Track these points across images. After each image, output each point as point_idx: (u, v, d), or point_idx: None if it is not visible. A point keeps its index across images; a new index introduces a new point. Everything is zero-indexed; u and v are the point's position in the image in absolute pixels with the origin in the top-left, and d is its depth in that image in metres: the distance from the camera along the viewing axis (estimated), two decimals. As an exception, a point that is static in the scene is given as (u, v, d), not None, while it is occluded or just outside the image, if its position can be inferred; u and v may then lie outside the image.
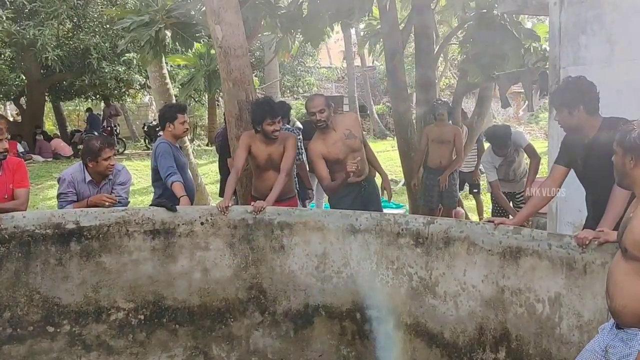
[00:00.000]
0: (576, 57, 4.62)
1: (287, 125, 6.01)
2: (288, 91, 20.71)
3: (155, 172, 4.86)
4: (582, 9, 4.56)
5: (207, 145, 17.82)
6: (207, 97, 16.83)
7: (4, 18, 12.11)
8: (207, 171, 12.12)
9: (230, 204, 4.19)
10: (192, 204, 4.70)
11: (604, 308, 2.70)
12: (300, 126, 7.34)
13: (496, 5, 6.29)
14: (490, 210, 6.85)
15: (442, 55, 9.85)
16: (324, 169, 4.65)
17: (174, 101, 8.35)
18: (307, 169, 6.24)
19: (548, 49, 5.33)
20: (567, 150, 3.50)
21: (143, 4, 5.95)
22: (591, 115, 3.23)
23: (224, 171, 5.94)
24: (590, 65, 4.42)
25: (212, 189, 9.65)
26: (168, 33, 6.01)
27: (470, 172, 7.98)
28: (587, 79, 3.24)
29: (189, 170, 5.56)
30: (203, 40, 6.81)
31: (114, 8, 12.50)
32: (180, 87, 9.40)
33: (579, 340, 3.01)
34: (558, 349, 3.16)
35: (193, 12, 5.93)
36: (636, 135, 2.38)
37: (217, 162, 6.83)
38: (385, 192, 5.18)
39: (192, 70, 6.99)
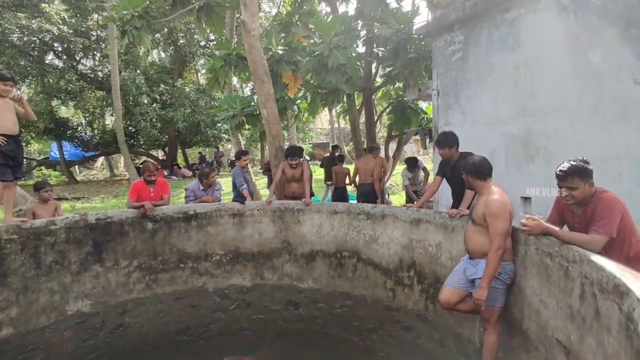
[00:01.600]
0: (446, 122, 5.19)
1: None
2: (300, 140, 25.85)
3: (233, 184, 5.51)
4: (448, 97, 5.17)
5: (260, 169, 20.76)
6: (260, 144, 20.08)
7: (157, 108, 15.74)
8: (260, 183, 13.28)
9: (272, 200, 4.88)
10: (252, 200, 5.31)
11: (462, 248, 3.23)
12: (308, 158, 8.92)
13: (405, 95, 7.47)
14: (405, 200, 7.91)
15: (379, 121, 11.32)
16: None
17: (243, 148, 9.67)
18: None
19: (432, 117, 5.85)
20: (442, 168, 3.99)
21: (230, 105, 6.99)
22: (457, 150, 3.73)
23: (269, 182, 7.03)
24: (453, 126, 4.96)
25: (263, 192, 10.95)
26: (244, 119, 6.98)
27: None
28: (454, 133, 3.75)
29: (250, 183, 6.17)
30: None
31: (215, 108, 15.44)
32: (246, 139, 12.29)
33: (451, 265, 3.54)
34: (440, 270, 3.77)
35: (257, 110, 6.73)
36: (469, 164, 2.93)
37: (266, 179, 8.36)
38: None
39: (252, 130, 8.24)
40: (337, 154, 8.72)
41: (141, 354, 4.39)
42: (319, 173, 12.12)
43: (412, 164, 7.26)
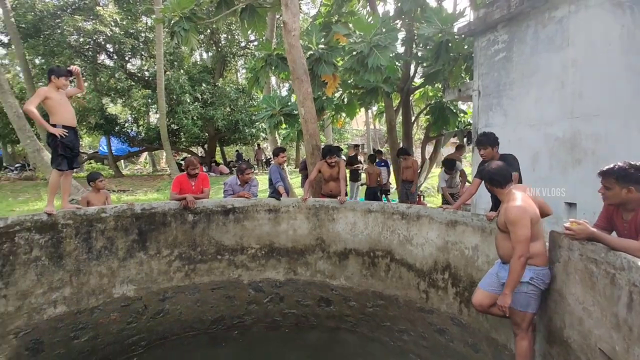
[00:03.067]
0: (487, 123, 5.07)
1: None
2: (336, 141, 26.31)
3: (270, 180, 5.62)
4: (490, 98, 5.04)
5: (295, 167, 21.24)
6: (296, 143, 20.41)
7: (198, 106, 16.24)
8: (294, 181, 13.47)
9: (307, 197, 4.90)
10: (288, 197, 5.32)
11: (498, 252, 3.10)
12: (344, 158, 8.98)
13: (444, 96, 7.26)
14: (441, 202, 7.71)
15: (416, 122, 11.15)
16: None
17: (279, 146, 9.89)
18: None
19: (471, 119, 6.04)
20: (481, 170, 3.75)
21: (269, 104, 7.06)
22: (497, 151, 3.69)
23: (303, 181, 7.17)
24: (494, 127, 4.88)
25: (298, 191, 11.15)
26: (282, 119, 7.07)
27: (385, 183, 9.09)
28: (494, 133, 3.73)
29: (286, 180, 6.30)
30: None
31: (253, 107, 16.01)
32: (282, 139, 12.37)
33: (488, 268, 3.36)
34: (476, 274, 3.66)
35: (295, 110, 6.84)
36: (485, 171, 2.89)
37: (300, 177, 8.31)
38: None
39: (289, 129, 8.20)
40: (359, 154, 8.83)
41: (179, 340, 4.57)
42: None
43: (450, 166, 7.07)
